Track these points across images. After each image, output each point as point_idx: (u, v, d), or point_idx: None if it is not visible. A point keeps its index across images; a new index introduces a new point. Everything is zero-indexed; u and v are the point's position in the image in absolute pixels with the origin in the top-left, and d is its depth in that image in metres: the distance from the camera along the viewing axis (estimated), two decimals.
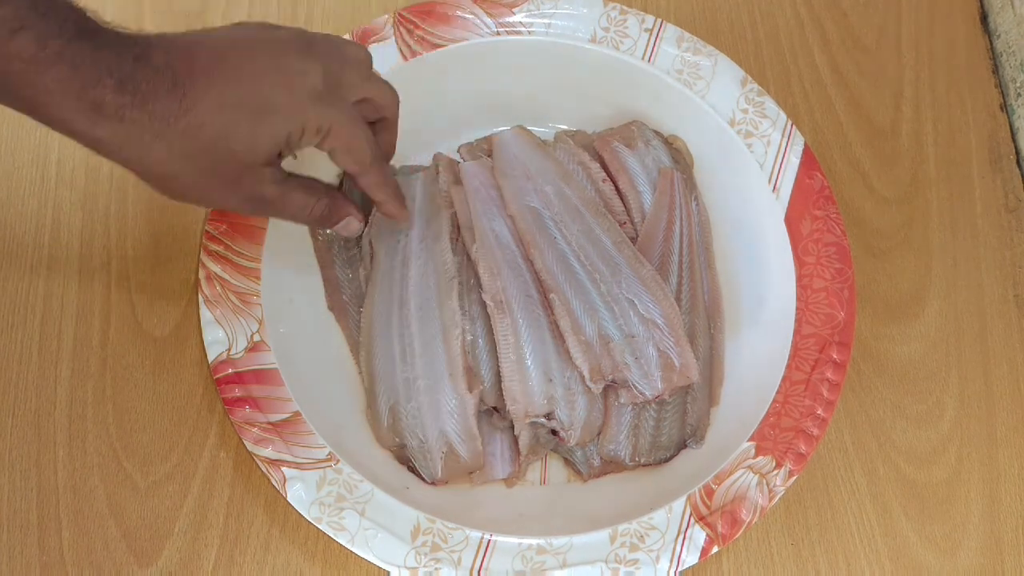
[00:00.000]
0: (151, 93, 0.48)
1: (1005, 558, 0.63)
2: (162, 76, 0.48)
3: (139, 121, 0.48)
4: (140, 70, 0.48)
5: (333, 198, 0.58)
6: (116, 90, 0.47)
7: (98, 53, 0.47)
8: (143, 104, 0.48)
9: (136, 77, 0.47)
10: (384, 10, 0.74)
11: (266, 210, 0.56)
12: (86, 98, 0.46)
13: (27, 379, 0.64)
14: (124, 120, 0.47)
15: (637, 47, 0.69)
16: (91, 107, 0.47)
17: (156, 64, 0.48)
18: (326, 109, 0.53)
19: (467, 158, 0.70)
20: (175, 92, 0.48)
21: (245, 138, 0.51)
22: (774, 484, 0.58)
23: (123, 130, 0.48)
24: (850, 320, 0.62)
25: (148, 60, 0.48)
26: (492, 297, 0.62)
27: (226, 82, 0.50)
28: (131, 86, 0.47)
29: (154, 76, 0.48)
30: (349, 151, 0.55)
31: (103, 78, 0.46)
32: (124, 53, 0.48)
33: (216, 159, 0.51)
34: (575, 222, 0.65)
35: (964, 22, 0.79)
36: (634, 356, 0.61)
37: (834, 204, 0.65)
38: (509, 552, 0.56)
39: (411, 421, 0.61)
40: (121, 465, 0.62)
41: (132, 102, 0.47)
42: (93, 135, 0.48)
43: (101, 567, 0.60)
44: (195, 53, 0.50)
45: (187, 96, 0.49)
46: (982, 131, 0.76)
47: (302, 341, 0.63)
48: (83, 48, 0.46)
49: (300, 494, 0.56)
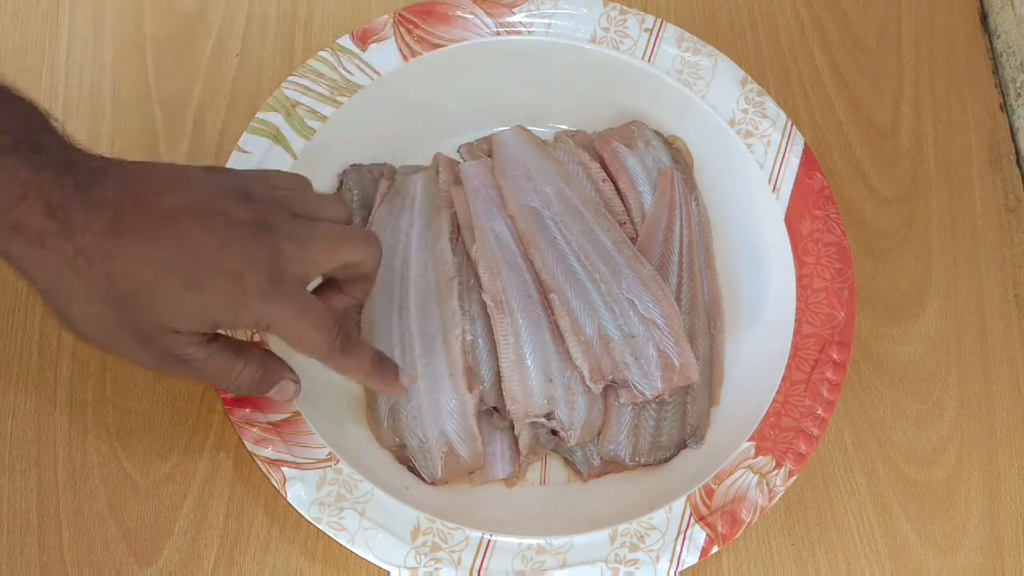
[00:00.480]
0: (82, 228, 0.44)
1: (1005, 558, 0.63)
2: (101, 212, 0.45)
3: (61, 251, 0.44)
4: (78, 199, 0.44)
5: (264, 362, 0.54)
6: (43, 214, 0.43)
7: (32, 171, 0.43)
8: (69, 235, 0.44)
9: (70, 206, 0.44)
10: (384, 10, 0.74)
11: (183, 371, 0.50)
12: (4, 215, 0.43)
13: (27, 379, 0.64)
14: (44, 246, 0.44)
15: (637, 47, 0.69)
16: (9, 225, 0.43)
17: (98, 198, 0.45)
18: (267, 306, 0.48)
19: (467, 158, 0.70)
20: (109, 234, 0.45)
21: (169, 308, 0.47)
22: (774, 484, 0.58)
23: (39, 256, 0.44)
24: (850, 320, 0.62)
25: (91, 191, 0.45)
26: (492, 297, 0.62)
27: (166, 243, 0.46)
28: (62, 214, 0.44)
29: (92, 209, 0.45)
30: (301, 345, 0.51)
31: (29, 197, 0.43)
32: (64, 177, 0.44)
33: (132, 312, 0.47)
34: (575, 222, 0.65)
35: (964, 22, 0.79)
36: (634, 356, 0.61)
37: (834, 204, 0.65)
38: (509, 552, 0.56)
39: (411, 421, 0.61)
40: (121, 465, 0.62)
41: (59, 231, 0.44)
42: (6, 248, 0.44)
43: (101, 567, 0.60)
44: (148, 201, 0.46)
45: (120, 241, 0.45)
46: (982, 131, 0.76)
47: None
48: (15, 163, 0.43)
49: (300, 494, 0.56)
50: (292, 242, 0.49)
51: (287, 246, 0.49)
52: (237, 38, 0.74)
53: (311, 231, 0.51)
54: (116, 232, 0.45)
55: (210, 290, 0.47)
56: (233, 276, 0.47)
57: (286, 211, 0.51)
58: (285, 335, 0.50)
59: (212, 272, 0.47)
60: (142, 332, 0.48)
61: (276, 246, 0.49)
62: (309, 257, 0.50)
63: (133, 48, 0.73)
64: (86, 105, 0.71)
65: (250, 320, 0.48)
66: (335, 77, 0.66)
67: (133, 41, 0.74)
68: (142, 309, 0.47)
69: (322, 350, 0.51)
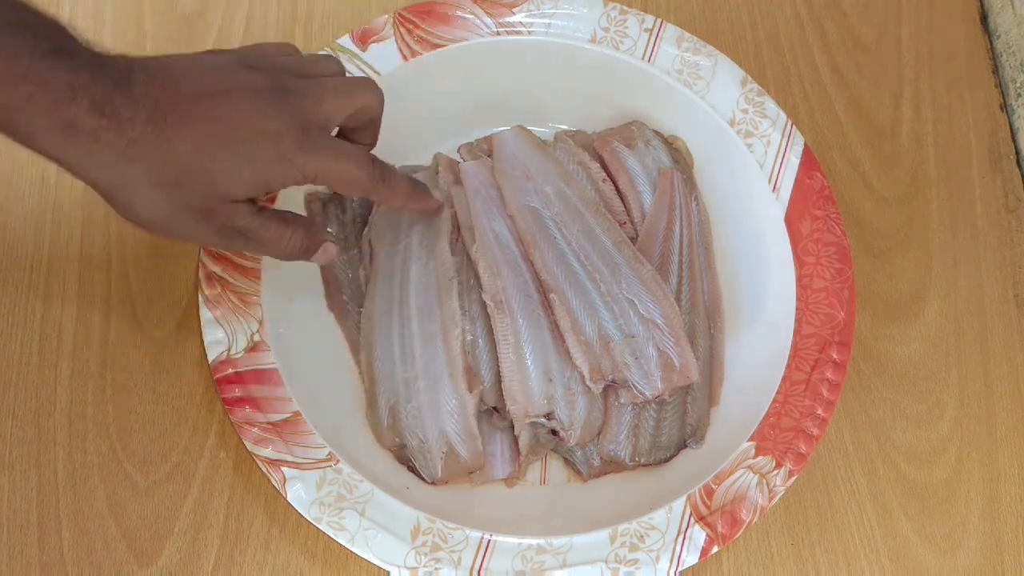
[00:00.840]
0: (129, 120, 0.47)
1: (1005, 558, 0.63)
2: (141, 104, 0.47)
3: (115, 144, 0.47)
4: (119, 95, 0.47)
5: (308, 227, 0.57)
6: (91, 111, 0.46)
7: (73, 74, 0.46)
8: (120, 128, 0.47)
9: (114, 102, 0.46)
10: (384, 10, 0.74)
11: (239, 243, 0.54)
12: (58, 116, 0.45)
13: (27, 379, 0.64)
14: (99, 141, 0.47)
15: (637, 47, 0.69)
16: (63, 126, 0.46)
17: (136, 93, 0.47)
18: (309, 158, 0.52)
19: (467, 158, 0.70)
20: (153, 121, 0.48)
21: (224, 176, 0.50)
22: (774, 484, 0.58)
23: (96, 151, 0.47)
24: (850, 320, 0.62)
25: (128, 87, 0.47)
26: (492, 297, 0.62)
27: (206, 122, 0.49)
28: (108, 109, 0.46)
29: (133, 103, 0.47)
30: (346, 185, 0.55)
31: (78, 97, 0.45)
32: (102, 76, 0.47)
33: (190, 190, 0.50)
34: (575, 222, 0.65)
35: (964, 22, 0.79)
36: (634, 356, 0.61)
37: (834, 204, 0.65)
38: (509, 552, 0.56)
39: (411, 421, 0.61)
40: (121, 465, 0.62)
41: (109, 125, 0.46)
42: (63, 154, 0.47)
43: (101, 567, 0.60)
44: (177, 88, 0.49)
45: (165, 126, 0.48)
46: (982, 131, 0.76)
47: (302, 341, 0.63)
48: (55, 67, 0.45)
49: (300, 494, 0.56)
50: (308, 99, 0.53)
51: (306, 103, 0.53)
52: (237, 38, 0.74)
53: (321, 86, 0.54)
54: (160, 120, 0.48)
55: (258, 155, 0.50)
56: (273, 137, 0.51)
57: (291, 74, 0.54)
58: (332, 180, 0.54)
59: (254, 138, 0.50)
60: (202, 208, 0.51)
61: (298, 104, 0.52)
62: (326, 109, 0.54)
63: (133, 48, 0.73)
64: None
65: (298, 174, 0.52)
66: None
67: (133, 41, 0.74)
68: (200, 184, 0.50)
69: (367, 184, 0.55)
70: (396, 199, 0.58)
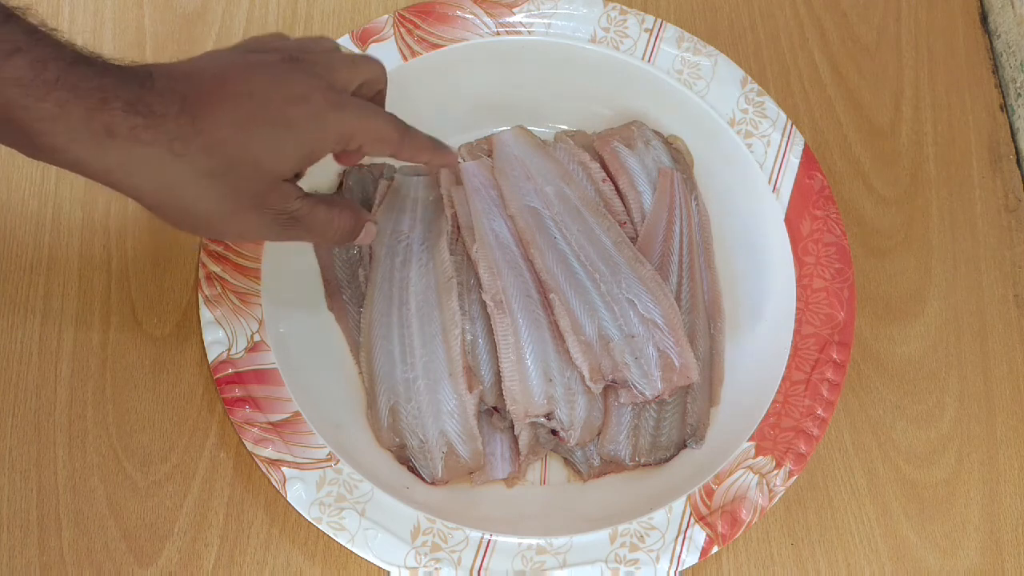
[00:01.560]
0: (163, 115, 0.46)
1: (1005, 558, 0.63)
2: (169, 99, 0.47)
3: (157, 142, 0.46)
4: (147, 94, 0.46)
5: (353, 209, 0.57)
6: (127, 112, 0.45)
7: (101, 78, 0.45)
8: (158, 125, 0.46)
9: (146, 99, 0.46)
10: (384, 10, 0.74)
11: (292, 230, 0.53)
12: (95, 122, 0.44)
13: (27, 379, 0.64)
14: (140, 141, 0.46)
15: (637, 47, 0.69)
16: (101, 131, 0.45)
17: (160, 88, 0.47)
18: (341, 114, 0.52)
19: (467, 158, 0.70)
20: (186, 113, 0.47)
21: (270, 151, 0.49)
22: (774, 484, 0.58)
23: (139, 153, 0.46)
24: (850, 320, 0.62)
25: (151, 85, 0.47)
26: (492, 297, 0.62)
27: (237, 101, 0.49)
28: (143, 107, 0.46)
29: (162, 99, 0.46)
30: (379, 141, 0.54)
31: (110, 100, 0.45)
32: (126, 78, 0.46)
33: (241, 176, 0.49)
34: (575, 222, 0.65)
35: (964, 22, 0.79)
36: (634, 356, 0.61)
37: (834, 204, 0.65)
38: (509, 552, 0.56)
39: (411, 421, 0.61)
40: (121, 465, 0.62)
41: (146, 123, 0.46)
42: (103, 163, 0.46)
43: (101, 567, 0.60)
44: (195, 77, 0.49)
45: (199, 117, 0.47)
46: (982, 131, 0.76)
47: (302, 341, 0.63)
48: (84, 72, 0.44)
49: (300, 494, 0.56)
50: (321, 67, 0.53)
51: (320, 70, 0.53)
52: (237, 38, 0.74)
53: (328, 57, 0.55)
54: (191, 111, 0.47)
55: (294, 121, 0.50)
56: (303, 100, 0.50)
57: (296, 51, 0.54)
58: (364, 136, 0.53)
59: (286, 105, 0.50)
60: (256, 194, 0.50)
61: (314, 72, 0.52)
62: (341, 75, 0.54)
63: (133, 48, 0.73)
64: None
65: (335, 134, 0.52)
66: None
67: (133, 41, 0.74)
68: (249, 167, 0.49)
69: (395, 138, 0.55)
70: (421, 153, 0.57)
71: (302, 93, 0.51)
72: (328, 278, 0.66)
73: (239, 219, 0.51)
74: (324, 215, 0.54)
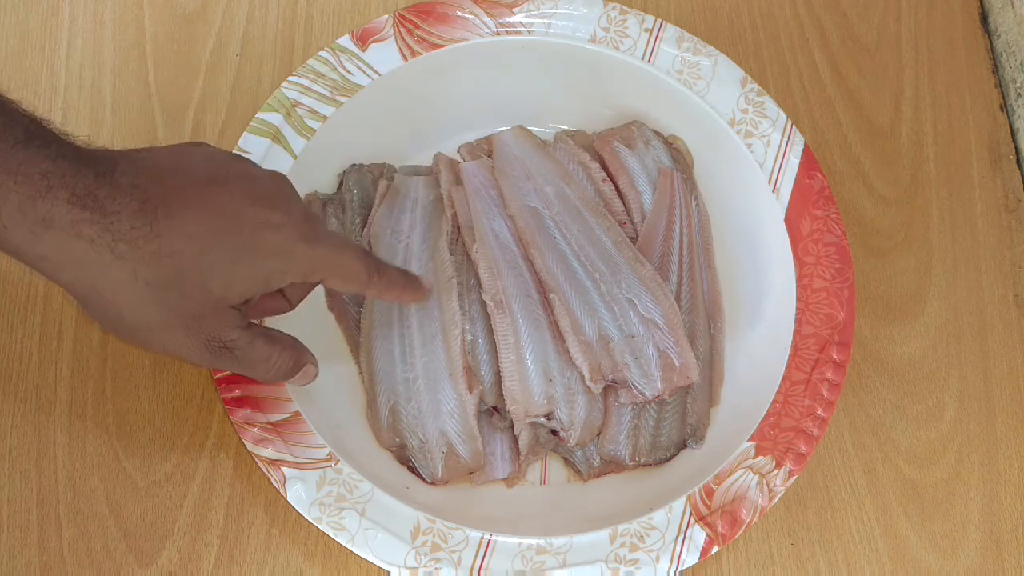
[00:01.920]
0: (115, 212, 0.43)
1: (1005, 558, 0.63)
2: (128, 196, 0.44)
3: (99, 240, 0.43)
4: (102, 187, 0.43)
5: (295, 347, 0.54)
6: (72, 204, 0.42)
7: (50, 163, 0.42)
8: (105, 223, 0.43)
9: (97, 194, 0.43)
10: (384, 10, 0.74)
11: (223, 361, 0.50)
12: (34, 210, 0.42)
13: (27, 379, 0.64)
14: (80, 237, 0.43)
15: (637, 47, 0.69)
16: (38, 220, 0.42)
17: (121, 183, 0.44)
18: (313, 248, 0.49)
19: (467, 158, 0.70)
20: (144, 214, 0.44)
21: (224, 274, 0.46)
22: (774, 484, 0.58)
23: (76, 248, 0.43)
24: (850, 320, 0.62)
25: (111, 177, 0.44)
26: (492, 297, 0.62)
27: (206, 210, 0.46)
28: (91, 202, 0.43)
29: (118, 194, 0.43)
30: (345, 278, 0.52)
31: (55, 189, 0.42)
32: (83, 167, 0.43)
33: (182, 293, 0.45)
34: (575, 222, 0.65)
35: (964, 22, 0.79)
36: (634, 356, 0.61)
37: (834, 204, 0.65)
38: (509, 552, 0.56)
39: (411, 421, 0.61)
40: (121, 465, 0.62)
41: (92, 219, 0.43)
42: (36, 251, 0.43)
43: (101, 567, 0.60)
44: (166, 178, 0.46)
45: (159, 220, 0.44)
46: (982, 131, 0.75)
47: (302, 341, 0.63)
48: (33, 155, 0.42)
49: (300, 494, 0.56)
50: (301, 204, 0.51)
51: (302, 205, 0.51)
52: (237, 38, 0.74)
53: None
54: (150, 213, 0.44)
55: (259, 247, 0.47)
56: (275, 227, 0.48)
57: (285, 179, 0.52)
58: (331, 273, 0.51)
59: (256, 228, 0.47)
60: (193, 315, 0.47)
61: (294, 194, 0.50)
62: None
63: (133, 48, 0.73)
64: (86, 105, 0.71)
65: (298, 269, 0.49)
66: (335, 77, 0.66)
67: (133, 41, 0.74)
68: (193, 285, 0.46)
69: (363, 278, 0.52)
70: (392, 291, 0.55)
71: (277, 220, 0.48)
72: None
73: (166, 336, 0.47)
74: (262, 352, 0.51)
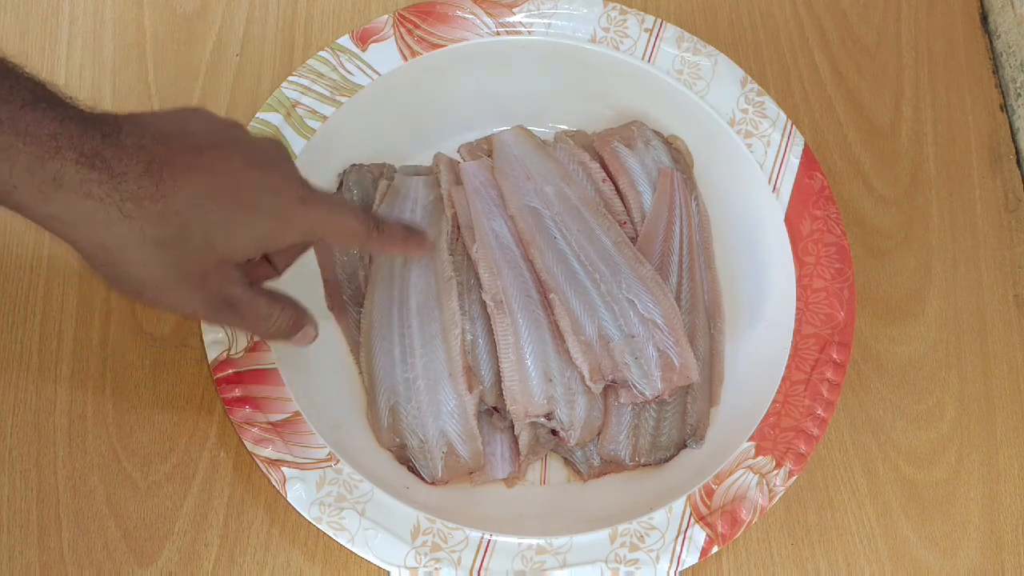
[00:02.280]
0: (122, 173, 0.44)
1: (1005, 558, 0.63)
2: (134, 157, 0.45)
3: (108, 199, 0.44)
4: (109, 147, 0.44)
5: (295, 307, 0.55)
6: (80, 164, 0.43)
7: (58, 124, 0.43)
8: (113, 182, 0.44)
9: (105, 154, 0.44)
10: (384, 10, 0.74)
11: (226, 315, 0.52)
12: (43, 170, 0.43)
13: (27, 379, 0.64)
14: (90, 196, 0.44)
15: (637, 47, 0.69)
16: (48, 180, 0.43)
17: (126, 144, 0.45)
18: (310, 210, 0.51)
19: (467, 158, 0.70)
20: (150, 174, 0.45)
21: (226, 232, 0.48)
22: (774, 484, 0.58)
23: (86, 207, 0.44)
24: (850, 320, 0.62)
25: (117, 139, 0.45)
26: (492, 297, 0.62)
27: (209, 173, 0.47)
28: (99, 162, 0.44)
29: (125, 155, 0.45)
30: (345, 235, 0.54)
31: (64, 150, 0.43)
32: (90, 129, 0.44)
33: (188, 250, 0.47)
34: (575, 222, 0.65)
35: (964, 22, 0.79)
36: (634, 356, 0.61)
37: (834, 204, 0.65)
38: (509, 552, 0.56)
39: (411, 421, 0.61)
40: (121, 465, 0.62)
41: (100, 179, 0.44)
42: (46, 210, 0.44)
43: (101, 567, 0.60)
44: (170, 140, 0.47)
45: (164, 181, 0.45)
46: (982, 131, 0.76)
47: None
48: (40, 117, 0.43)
49: (300, 494, 0.56)
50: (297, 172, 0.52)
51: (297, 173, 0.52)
52: (237, 38, 0.74)
53: None
54: (156, 173, 0.46)
55: (259, 208, 0.49)
56: (274, 190, 0.50)
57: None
58: (330, 231, 0.53)
59: (256, 190, 0.49)
60: (197, 273, 0.48)
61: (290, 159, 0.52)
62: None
63: (133, 48, 0.73)
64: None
65: (297, 229, 0.51)
66: (335, 77, 0.66)
67: (133, 41, 0.74)
68: (198, 243, 0.47)
69: (363, 234, 0.54)
70: (393, 245, 0.57)
71: (275, 184, 0.50)
72: (328, 278, 0.66)
73: (173, 292, 0.49)
74: (264, 308, 0.53)
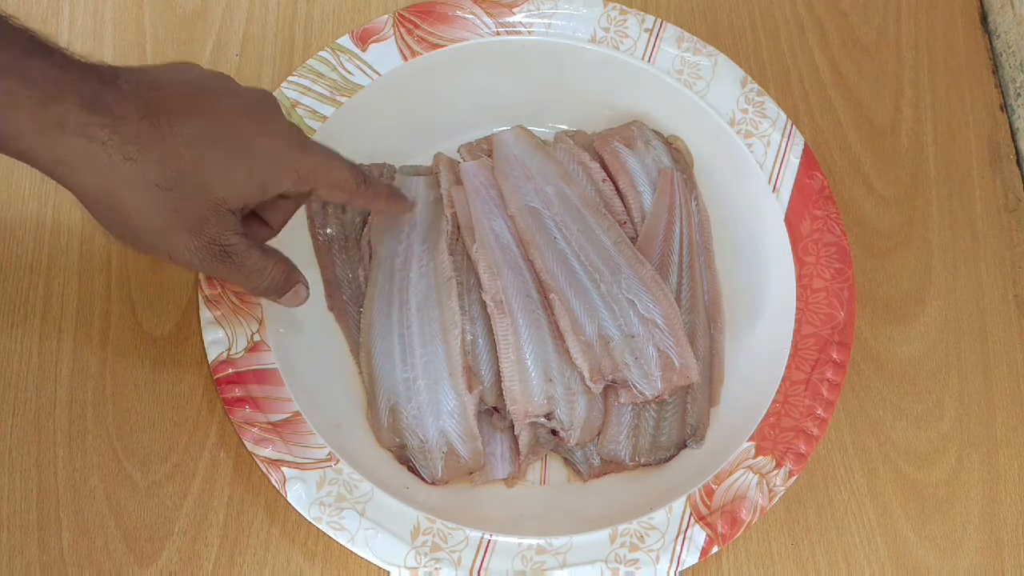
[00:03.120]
0: (122, 116, 0.45)
1: (1005, 558, 0.63)
2: (132, 101, 0.46)
3: (110, 142, 0.45)
4: (108, 92, 0.45)
5: (287, 263, 0.56)
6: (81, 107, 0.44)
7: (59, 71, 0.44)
8: (114, 125, 0.45)
9: (105, 98, 0.45)
10: (384, 10, 0.74)
11: (222, 265, 0.52)
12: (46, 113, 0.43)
13: (27, 379, 0.64)
14: (93, 139, 0.44)
15: (637, 47, 0.69)
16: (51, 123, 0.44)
17: (124, 89, 0.46)
18: (304, 155, 0.52)
19: (467, 158, 0.70)
20: (149, 119, 0.46)
21: (223, 176, 0.49)
22: (774, 484, 0.58)
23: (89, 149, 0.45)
24: (850, 320, 0.62)
25: (115, 84, 0.46)
26: (492, 297, 0.62)
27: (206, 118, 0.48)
28: (100, 105, 0.44)
29: (124, 100, 0.45)
30: (335, 187, 0.55)
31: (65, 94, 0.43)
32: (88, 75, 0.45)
33: (186, 194, 0.48)
34: (575, 222, 0.65)
35: (964, 22, 0.79)
36: (634, 356, 0.61)
37: (834, 204, 0.65)
38: (509, 552, 0.56)
39: (411, 421, 0.61)
40: (121, 465, 0.62)
41: (102, 122, 0.44)
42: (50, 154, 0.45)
43: (101, 567, 0.60)
44: (165, 87, 0.48)
45: (162, 126, 0.46)
46: (982, 131, 0.76)
47: (302, 341, 0.63)
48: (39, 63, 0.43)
49: (300, 494, 0.56)
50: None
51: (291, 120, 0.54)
52: (237, 38, 0.74)
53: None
54: (154, 118, 0.46)
55: (255, 152, 0.50)
56: (270, 135, 0.51)
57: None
58: (322, 179, 0.54)
59: (253, 136, 0.50)
60: (196, 217, 0.49)
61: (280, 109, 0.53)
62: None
63: (133, 48, 0.73)
64: None
65: (292, 173, 0.52)
66: (335, 77, 0.66)
67: (133, 41, 0.74)
68: (196, 186, 0.48)
69: (351, 185, 0.55)
70: (378, 201, 0.59)
71: (271, 129, 0.51)
72: (328, 278, 0.66)
73: (172, 237, 0.49)
74: (258, 260, 0.53)
